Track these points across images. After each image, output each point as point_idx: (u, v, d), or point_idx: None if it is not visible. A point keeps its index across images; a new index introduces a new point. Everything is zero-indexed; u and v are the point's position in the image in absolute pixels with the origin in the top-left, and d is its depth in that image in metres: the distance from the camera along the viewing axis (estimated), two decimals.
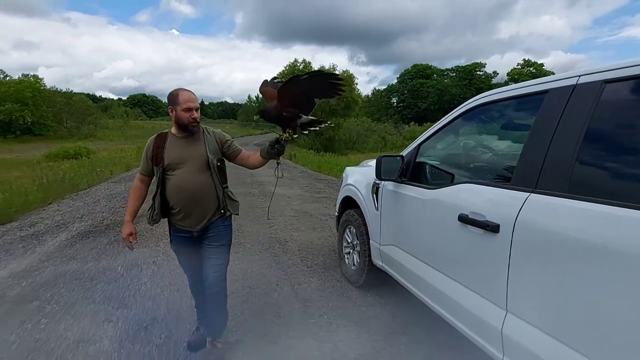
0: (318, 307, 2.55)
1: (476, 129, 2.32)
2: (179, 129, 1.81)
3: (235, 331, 2.23)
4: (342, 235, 3.09)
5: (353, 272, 2.87)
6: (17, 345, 2.07)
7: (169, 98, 1.79)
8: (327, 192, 7.40)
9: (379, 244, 2.41)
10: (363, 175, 2.80)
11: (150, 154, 1.82)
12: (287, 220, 4.98)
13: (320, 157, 16.65)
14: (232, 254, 3.54)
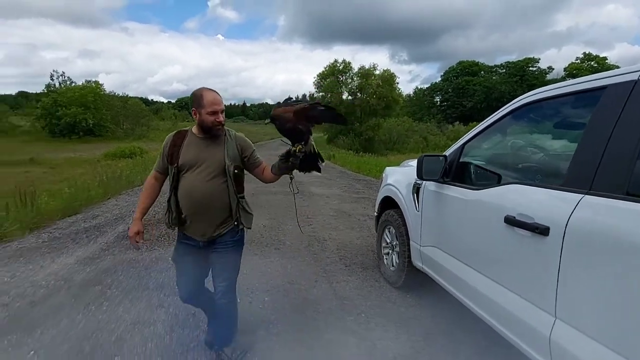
0: (356, 306, 2.57)
1: (526, 128, 2.22)
2: (202, 130, 1.70)
3: (276, 324, 2.32)
4: (381, 235, 3.08)
5: (392, 272, 2.85)
6: (84, 325, 2.31)
7: (192, 99, 1.68)
8: (365, 193, 7.37)
9: (420, 245, 2.38)
10: (403, 175, 2.77)
11: (166, 151, 1.72)
12: (325, 220, 5.04)
13: (360, 158, 16.58)
14: (273, 250, 3.72)
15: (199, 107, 1.64)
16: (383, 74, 26.04)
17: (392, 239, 2.89)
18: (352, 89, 26.71)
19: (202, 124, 1.67)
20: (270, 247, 3.82)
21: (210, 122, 1.64)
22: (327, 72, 26.55)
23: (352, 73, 26.74)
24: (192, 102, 1.67)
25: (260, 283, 2.92)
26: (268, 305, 2.56)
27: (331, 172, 11.08)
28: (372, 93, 25.32)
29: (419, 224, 2.38)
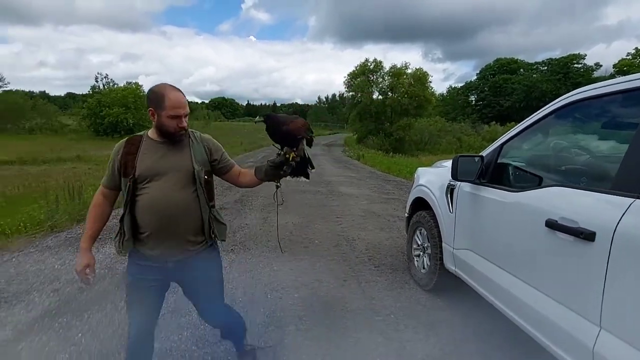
0: (385, 306, 2.55)
1: (570, 128, 2.10)
2: (160, 134, 1.44)
3: (306, 320, 2.35)
4: (412, 237, 3.03)
5: (423, 275, 2.80)
6: (125, 311, 2.46)
7: (150, 97, 1.40)
8: (395, 194, 7.26)
9: (453, 247, 2.32)
10: (436, 176, 2.71)
11: (117, 162, 1.43)
12: (354, 220, 5.03)
13: (390, 158, 16.36)
14: (302, 248, 3.76)
15: (159, 109, 1.37)
16: (415, 73, 25.45)
17: (424, 240, 2.84)
18: (382, 89, 26.35)
19: (160, 127, 1.40)
20: (299, 245, 3.87)
21: (171, 127, 1.39)
22: (358, 72, 26.33)
23: (383, 72, 26.38)
24: (150, 101, 1.39)
25: (289, 280, 2.97)
26: (297, 302, 2.60)
27: (361, 172, 11.01)
28: (404, 92, 24.81)
29: (452, 226, 2.33)
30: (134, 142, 1.45)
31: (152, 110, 1.39)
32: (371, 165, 13.25)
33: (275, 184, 1.55)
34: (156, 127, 1.43)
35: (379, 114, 25.99)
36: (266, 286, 2.85)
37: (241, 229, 4.38)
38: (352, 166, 12.76)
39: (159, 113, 1.38)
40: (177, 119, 1.39)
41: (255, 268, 3.22)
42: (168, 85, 1.41)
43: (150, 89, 1.42)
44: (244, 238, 4.06)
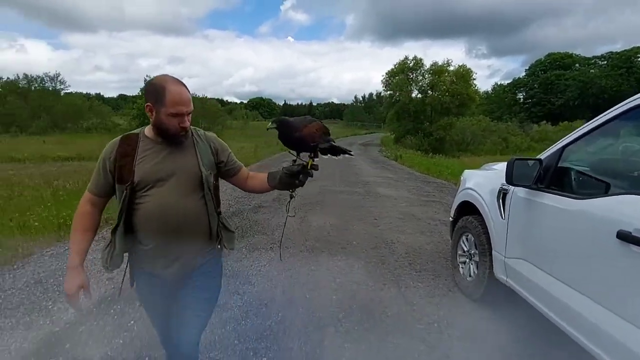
0: (427, 314, 2.46)
1: None
2: (159, 134, 1.25)
3: (345, 322, 2.32)
4: (457, 242, 2.89)
5: (469, 283, 2.66)
6: None
7: (148, 90, 1.21)
8: (436, 196, 7.01)
9: (504, 256, 2.18)
10: (486, 179, 2.57)
11: (110, 165, 1.23)
12: (392, 222, 4.92)
13: (429, 159, 15.86)
14: (340, 249, 3.74)
15: (158, 104, 1.18)
16: (457, 70, 24.43)
17: (470, 247, 2.70)
18: (422, 87, 25.56)
19: (159, 126, 1.22)
20: (337, 246, 3.85)
21: (171, 127, 1.21)
22: (397, 70, 25.74)
23: (423, 70, 25.59)
24: (148, 94, 1.20)
25: (327, 281, 2.96)
26: (336, 303, 2.58)
27: (398, 173, 10.77)
28: (445, 90, 23.92)
29: (504, 233, 2.18)
30: (130, 141, 1.25)
31: (150, 105, 1.20)
32: (409, 166, 12.91)
33: (289, 193, 1.37)
34: (154, 125, 1.24)
35: (418, 113, 25.25)
36: (304, 286, 2.86)
37: (279, 228, 4.44)
38: (389, 167, 12.52)
39: (157, 109, 1.19)
40: (178, 117, 1.19)
41: (293, 267, 3.24)
42: (170, 78, 1.21)
43: (149, 81, 1.23)
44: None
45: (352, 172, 9.99)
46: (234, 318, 2.35)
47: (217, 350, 2.03)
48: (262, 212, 5.21)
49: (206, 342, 2.08)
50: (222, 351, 2.02)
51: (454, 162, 14.67)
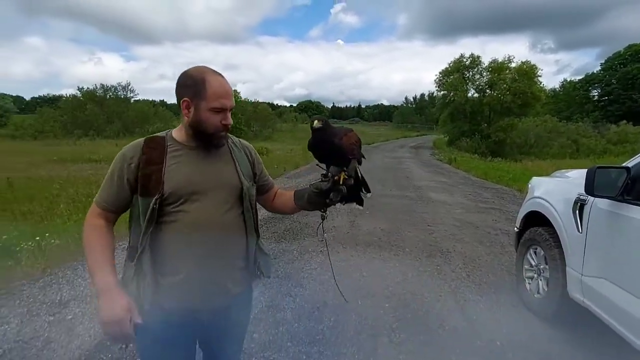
0: (488, 330, 2.29)
1: None
2: (195, 137, 1.05)
3: (398, 333, 2.26)
4: (524, 255, 2.67)
5: (537, 300, 2.44)
6: None
7: (185, 83, 1.02)
8: (495, 203, 6.56)
9: (581, 273, 1.96)
10: (559, 187, 2.34)
11: (129, 173, 1.02)
12: (447, 229, 4.69)
13: (487, 163, 14.90)
14: (393, 256, 3.65)
15: (197, 98, 1.01)
16: (520, 67, 22.63)
17: (539, 261, 2.47)
18: (480, 86, 24.06)
19: (197, 125, 1.03)
20: (389, 252, 3.76)
21: (212, 125, 1.02)
22: (452, 69, 24.49)
23: (480, 68, 24.09)
24: (184, 89, 1.02)
25: (380, 288, 2.90)
26: (389, 312, 2.51)
27: (453, 177, 10.26)
28: (506, 89, 22.28)
29: (581, 249, 1.96)
30: (156, 145, 1.04)
31: (188, 100, 1.01)
32: (465, 169, 12.24)
33: (320, 214, 1.15)
34: (190, 125, 1.04)
35: (475, 113, 23.84)
36: (356, 292, 2.82)
37: (329, 231, 4.45)
38: (442, 170, 11.99)
39: (197, 104, 1.01)
40: (221, 113, 1.02)
41: (345, 272, 3.22)
42: (208, 69, 1.04)
43: (184, 73, 1.03)
44: (332, 240, 4.12)
45: (402, 176, 9.73)
46: (287, 320, 2.40)
47: (271, 350, 2.08)
48: (312, 215, 5.27)
49: (260, 341, 2.15)
50: (276, 352, 2.06)
51: (515, 167, 13.62)
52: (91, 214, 1.05)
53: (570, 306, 2.13)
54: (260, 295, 2.73)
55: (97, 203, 1.05)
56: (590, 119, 36.12)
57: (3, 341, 2.12)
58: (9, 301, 2.59)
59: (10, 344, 2.10)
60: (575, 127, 27.35)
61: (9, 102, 32.40)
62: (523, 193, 7.56)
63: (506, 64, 23.12)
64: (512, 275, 3.14)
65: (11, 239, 3.46)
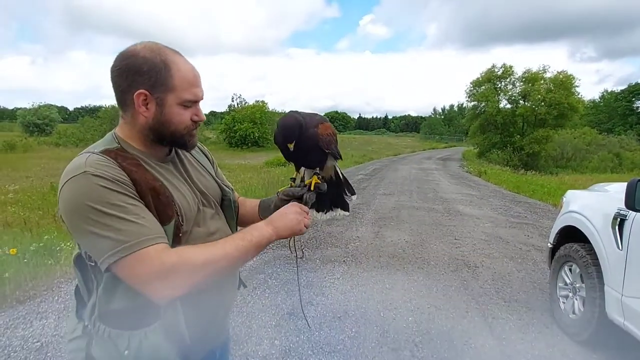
0: (519, 351, 2.18)
1: None
2: (157, 142, 0.79)
3: (422, 348, 2.19)
4: (558, 273, 2.53)
5: (572, 321, 2.29)
6: (252, 305, 2.72)
7: (139, 70, 0.72)
8: (528, 218, 6.27)
9: (621, 294, 1.83)
10: (597, 202, 2.21)
11: (138, 196, 0.71)
12: (476, 244, 4.52)
13: (519, 176, 14.31)
14: (417, 269, 3.57)
15: (160, 90, 0.74)
16: (556, 77, 21.75)
17: (575, 279, 2.33)
18: (512, 97, 23.29)
19: (164, 127, 0.76)
20: (413, 265, 3.68)
21: (184, 124, 0.78)
22: (483, 79, 23.89)
23: (513, 78, 23.36)
24: (135, 77, 0.73)
25: (403, 301, 2.83)
26: (412, 326, 2.45)
27: (482, 190, 9.91)
28: (540, 100, 21.43)
29: (621, 267, 1.84)
30: (131, 163, 0.73)
31: (146, 94, 0.73)
32: (495, 183, 11.81)
33: None
34: (151, 128, 0.76)
35: (507, 125, 23.03)
36: (379, 304, 2.78)
37: (352, 241, 4.42)
38: (471, 183, 11.62)
39: (161, 98, 0.74)
40: (193, 106, 0.78)
41: (367, 283, 3.18)
42: (165, 47, 0.76)
43: (131, 55, 0.73)
44: (355, 251, 4.08)
45: (429, 188, 9.52)
46: (305, 329, 2.39)
47: (292, 358, 2.07)
48: (336, 224, 5.26)
49: (282, 348, 2.15)
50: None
51: (550, 180, 12.99)
52: (164, 253, 0.68)
53: (608, 328, 1.99)
54: (282, 303, 2.74)
55: (153, 242, 0.67)
56: (634, 132, 33.90)
57: (42, 335, 2.26)
58: (48, 297, 2.75)
59: (48, 337, 2.23)
60: (618, 139, 25.78)
61: (55, 112, 34.78)
62: (558, 208, 7.20)
63: (541, 74, 22.30)
64: (544, 293, 2.98)
65: (52, 239, 3.69)
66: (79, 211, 0.65)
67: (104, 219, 0.65)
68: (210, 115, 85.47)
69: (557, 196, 8.33)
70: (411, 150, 32.02)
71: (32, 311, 2.56)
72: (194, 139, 0.82)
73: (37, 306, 2.64)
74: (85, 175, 0.67)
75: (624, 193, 1.71)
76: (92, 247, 0.67)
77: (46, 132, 30.90)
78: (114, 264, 0.65)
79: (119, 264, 0.65)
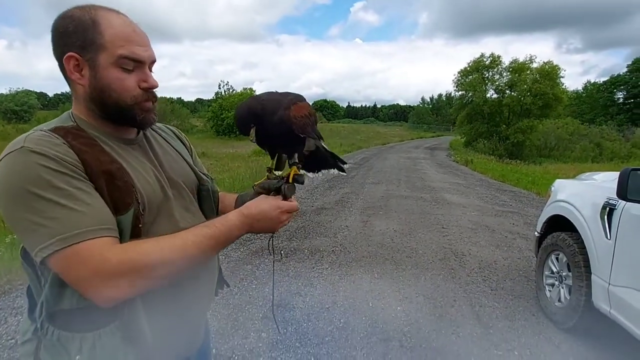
0: (506, 339, 2.19)
1: None
2: (105, 115, 0.68)
3: (410, 338, 2.18)
4: (545, 261, 2.54)
5: (558, 309, 2.32)
6: (239, 297, 2.67)
7: (65, 31, 0.63)
8: (513, 206, 6.36)
9: (608, 282, 1.84)
10: (585, 191, 2.21)
11: (84, 175, 0.60)
12: (463, 232, 4.56)
13: (504, 165, 14.54)
14: (405, 258, 3.57)
15: (90, 50, 0.63)
16: (542, 67, 21.97)
17: (561, 268, 2.35)
18: (499, 86, 23.46)
19: (103, 96, 0.65)
20: (401, 254, 3.67)
21: (127, 90, 0.66)
22: (471, 69, 23.92)
23: (501, 68, 23.48)
24: (64, 40, 0.64)
25: (392, 290, 2.82)
26: (401, 315, 2.44)
27: (469, 179, 10.02)
28: (526, 90, 21.67)
29: (609, 256, 1.85)
30: (85, 142, 0.64)
31: (76, 56, 0.63)
32: (481, 172, 11.95)
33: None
34: (91, 99, 0.66)
35: (493, 114, 23.26)
36: (367, 293, 2.76)
37: (341, 231, 4.39)
38: (458, 172, 11.73)
39: (92, 60, 0.63)
40: (137, 70, 0.67)
41: (356, 273, 3.16)
42: (104, 7, 0.66)
43: (60, 17, 0.64)
44: (344, 240, 4.06)
45: (417, 177, 9.57)
46: (296, 319, 2.35)
47: (279, 350, 2.04)
48: (325, 213, 5.22)
49: (268, 340, 2.11)
50: (284, 352, 2.02)
51: (535, 169, 13.24)
52: (104, 251, 0.58)
53: (594, 316, 2.01)
54: (270, 295, 2.70)
55: (102, 229, 0.58)
56: (615, 122, 34.81)
57: (17, 332, 2.15)
58: (24, 292, 2.63)
59: None
60: (599, 130, 26.40)
61: (33, 98, 33.44)
62: (542, 196, 7.32)
63: (527, 64, 22.49)
64: (530, 281, 3.02)
65: None
66: (11, 193, 0.56)
67: (38, 203, 0.55)
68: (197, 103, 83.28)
69: (541, 185, 8.50)
70: (399, 140, 32.16)
71: (6, 306, 2.45)
72: (148, 114, 0.70)
73: (12, 301, 2.53)
74: (22, 151, 0.57)
75: (612, 182, 1.70)
76: (26, 237, 0.58)
77: (25, 119, 29.75)
78: (48, 258, 0.55)
79: (53, 258, 0.55)
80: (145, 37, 0.68)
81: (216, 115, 28.43)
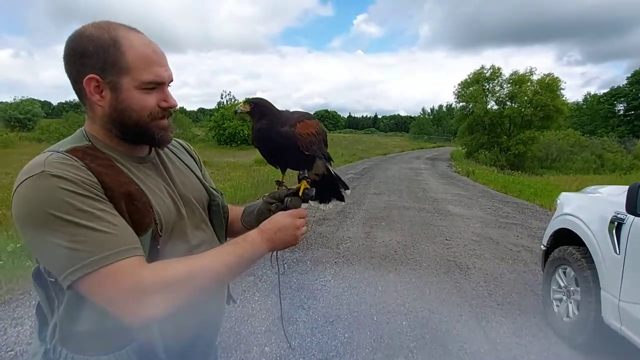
0: (514, 356, 2.15)
1: None
2: (122, 135, 0.68)
3: (416, 354, 2.14)
4: (552, 275, 2.51)
5: (566, 325, 2.28)
6: (241, 309, 2.63)
7: (85, 52, 0.62)
8: (517, 218, 6.32)
9: (618, 298, 1.81)
10: (592, 204, 2.20)
11: (105, 197, 0.60)
12: (466, 244, 4.52)
13: (506, 176, 14.50)
14: (409, 270, 3.53)
15: (113, 72, 0.63)
16: (542, 79, 22.14)
17: (569, 283, 2.32)
18: (500, 98, 23.61)
19: (124, 118, 0.65)
20: (405, 266, 3.64)
21: (149, 110, 0.66)
22: (471, 80, 24.13)
23: (501, 80, 23.68)
24: (84, 61, 0.62)
25: (396, 304, 2.78)
26: (406, 331, 2.40)
27: (471, 190, 10.00)
28: (527, 102, 21.79)
29: (618, 271, 1.82)
30: (102, 163, 0.63)
31: (97, 79, 0.62)
32: (483, 183, 11.93)
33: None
34: (111, 120, 0.65)
35: (494, 125, 23.34)
36: (372, 307, 2.72)
37: (344, 242, 4.36)
38: (460, 183, 11.71)
39: (114, 83, 0.63)
40: (157, 90, 0.67)
41: (359, 285, 3.12)
42: (122, 25, 0.65)
43: (78, 35, 0.63)
44: (347, 252, 4.02)
45: (419, 188, 9.54)
46: (300, 333, 2.32)
47: None
48: (327, 224, 5.19)
49: (272, 355, 2.07)
50: None
51: (536, 181, 13.20)
52: (137, 270, 0.58)
53: (603, 332, 1.97)
54: (273, 307, 2.66)
55: (132, 251, 0.58)
56: (616, 134, 34.85)
57: (16, 343, 2.12)
58: (25, 302, 2.60)
59: (23, 346, 2.09)
60: (600, 141, 26.43)
61: (37, 106, 33.68)
62: (546, 208, 7.28)
63: (527, 76, 22.66)
64: (537, 295, 2.97)
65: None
66: (35, 218, 0.55)
67: (65, 227, 0.54)
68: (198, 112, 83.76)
69: (544, 197, 8.46)
70: (400, 150, 32.20)
71: (6, 317, 2.42)
72: (165, 132, 0.69)
73: (12, 311, 2.49)
74: (43, 175, 0.56)
75: (618, 196, 1.69)
76: (52, 261, 0.57)
77: (28, 127, 29.92)
78: (78, 281, 0.55)
79: (84, 281, 0.55)
80: (163, 56, 0.68)
81: (218, 125, 28.58)
